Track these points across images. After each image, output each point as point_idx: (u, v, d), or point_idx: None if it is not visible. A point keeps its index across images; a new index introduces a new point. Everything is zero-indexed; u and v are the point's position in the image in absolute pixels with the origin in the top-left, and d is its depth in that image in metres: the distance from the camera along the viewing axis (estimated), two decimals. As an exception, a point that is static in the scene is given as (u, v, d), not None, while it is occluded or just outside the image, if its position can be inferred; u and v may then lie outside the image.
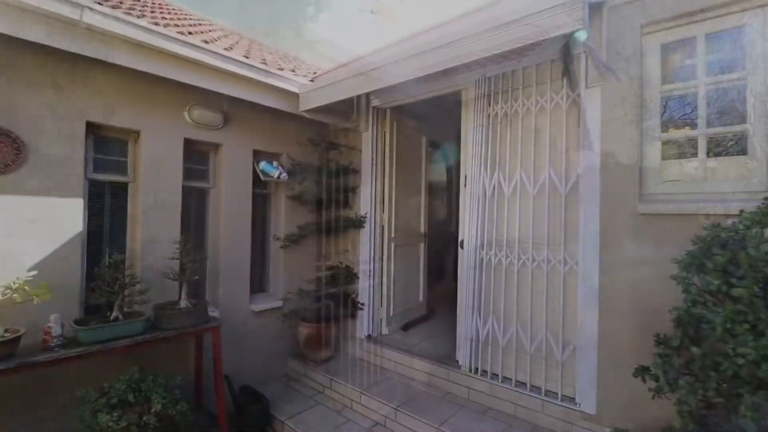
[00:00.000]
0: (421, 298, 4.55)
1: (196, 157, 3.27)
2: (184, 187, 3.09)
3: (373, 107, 3.81)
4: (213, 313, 3.12)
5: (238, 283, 3.39)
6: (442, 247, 6.10)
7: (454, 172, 6.66)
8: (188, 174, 3.18)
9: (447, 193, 6.77)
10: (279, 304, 3.63)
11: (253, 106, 3.34)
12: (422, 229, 4.57)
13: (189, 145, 3.14)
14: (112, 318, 2.40)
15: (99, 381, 2.34)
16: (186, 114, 3.04)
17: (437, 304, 5.16)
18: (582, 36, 2.61)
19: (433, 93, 3.43)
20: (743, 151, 2.16)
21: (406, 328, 4.11)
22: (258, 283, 3.73)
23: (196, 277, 2.68)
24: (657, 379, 1.98)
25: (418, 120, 4.46)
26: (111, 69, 2.59)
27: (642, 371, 2.02)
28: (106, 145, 2.82)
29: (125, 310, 2.55)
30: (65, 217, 2.50)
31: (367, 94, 3.80)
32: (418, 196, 4.52)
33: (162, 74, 2.67)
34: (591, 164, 2.48)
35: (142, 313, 2.52)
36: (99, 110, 2.64)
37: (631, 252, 2.34)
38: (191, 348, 3.02)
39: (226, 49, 3.00)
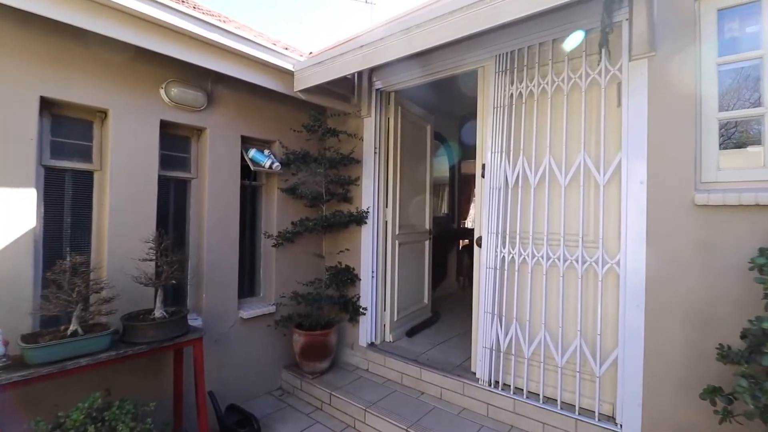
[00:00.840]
0: (426, 300, 4.20)
1: (176, 143, 2.85)
2: (160, 177, 2.67)
3: (376, 90, 3.43)
4: (195, 322, 2.72)
5: (225, 286, 2.98)
6: (444, 244, 5.76)
7: (457, 163, 6.34)
8: (166, 162, 2.77)
9: (450, 186, 6.43)
10: (271, 309, 3.23)
11: (241, 85, 2.94)
12: (427, 225, 4.21)
13: (166, 128, 2.72)
14: (69, 332, 1.98)
15: (57, 407, 1.93)
16: (163, 92, 2.63)
17: (441, 305, 4.83)
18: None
19: (444, 73, 3.06)
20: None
21: (411, 333, 3.75)
22: (247, 287, 3.32)
23: (173, 282, 2.28)
24: (730, 402, 1.66)
25: (423, 106, 4.09)
26: (70, 33, 2.17)
27: (711, 392, 1.69)
28: (65, 127, 2.38)
29: (90, 321, 2.14)
30: (13, 211, 2.07)
31: (370, 76, 3.43)
32: (423, 189, 4.16)
33: (133, 42, 2.25)
34: (635, 148, 2.15)
35: (107, 325, 2.11)
36: (56, 83, 2.21)
37: (685, 250, 2.01)
38: (169, 363, 2.61)
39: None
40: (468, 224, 7.80)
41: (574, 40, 2.40)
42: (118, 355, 2.03)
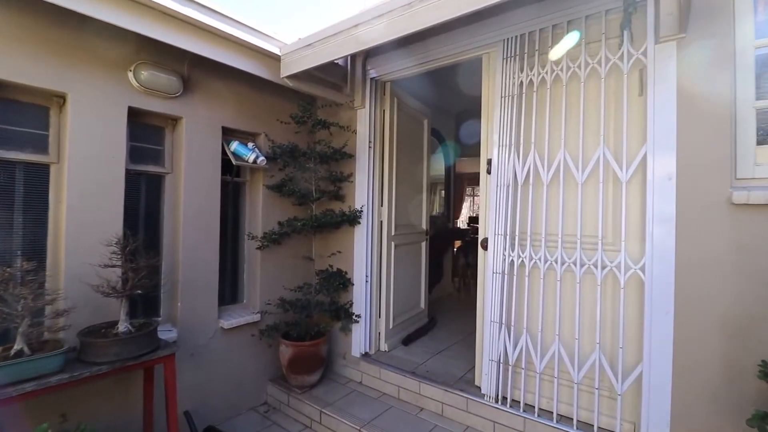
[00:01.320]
0: (422, 305, 3.96)
1: (147, 134, 2.55)
2: (129, 172, 2.38)
3: (371, 79, 3.17)
4: (169, 333, 2.43)
5: (204, 293, 2.69)
6: (440, 244, 5.53)
7: (452, 159, 6.12)
8: (136, 155, 2.47)
9: (445, 184, 6.21)
10: (256, 318, 2.95)
11: (222, 70, 2.64)
12: (424, 225, 3.97)
13: (136, 116, 2.43)
14: (12, 352, 1.68)
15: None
16: (131, 75, 2.32)
17: (438, 309, 4.59)
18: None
19: (445, 60, 2.81)
20: None
21: (407, 341, 3.50)
22: (229, 293, 3.03)
23: (139, 292, 1.98)
24: (784, 431, 1.45)
25: (420, 99, 3.84)
26: (20, 3, 1.87)
27: (762, 418, 1.48)
28: (16, 113, 2.07)
29: (42, 338, 1.85)
30: (-53, 209, 1.77)
31: (364, 63, 3.16)
32: (420, 187, 3.91)
33: (95, 15, 1.95)
34: (663, 141, 1.93)
35: (60, 342, 1.81)
36: (2, 61, 1.91)
37: (720, 253, 1.80)
38: (139, 381, 2.31)
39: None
40: (458, 224, 7.61)
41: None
42: (72, 378, 1.73)
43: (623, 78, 2.06)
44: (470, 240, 5.81)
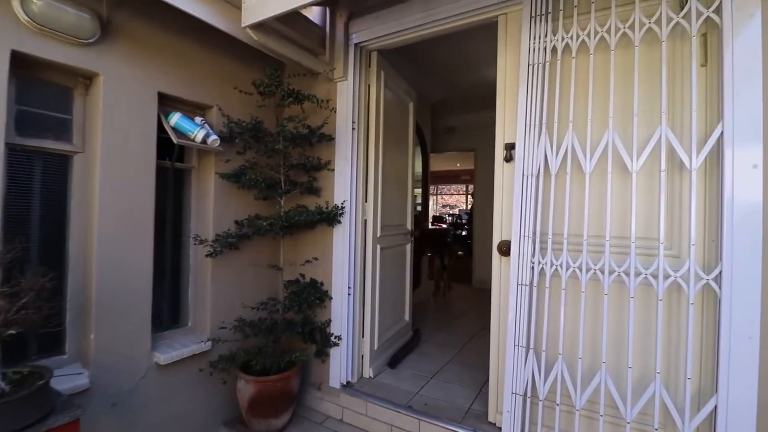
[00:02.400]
0: (407, 316, 3.43)
1: (45, 95, 1.79)
2: (13, 149, 1.63)
3: (355, 45, 2.58)
4: (78, 379, 1.71)
5: (129, 318, 1.96)
6: (420, 246, 5.03)
7: (429, 154, 5.67)
8: (26, 124, 1.71)
9: (423, 180, 5.75)
10: (205, 347, 2.24)
11: (160, 14, 1.95)
12: (409, 225, 3.44)
13: (26, 68, 1.67)
14: None
15: None
16: (17, 5, 1.57)
17: (417, 318, 4.08)
18: None
19: (448, 23, 2.30)
20: None
21: (393, 363, 2.95)
22: (168, 315, 2.30)
23: (12, 332, 1.25)
24: None
25: (404, 76, 3.31)
26: None
27: None
28: None
29: None
30: None
31: (346, 25, 2.57)
32: (405, 180, 3.38)
33: None
34: (744, 121, 1.54)
35: None
36: None
37: (820, 262, 1.44)
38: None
39: None
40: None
41: None
42: None
43: (690, 42, 1.66)
44: (449, 241, 5.38)
